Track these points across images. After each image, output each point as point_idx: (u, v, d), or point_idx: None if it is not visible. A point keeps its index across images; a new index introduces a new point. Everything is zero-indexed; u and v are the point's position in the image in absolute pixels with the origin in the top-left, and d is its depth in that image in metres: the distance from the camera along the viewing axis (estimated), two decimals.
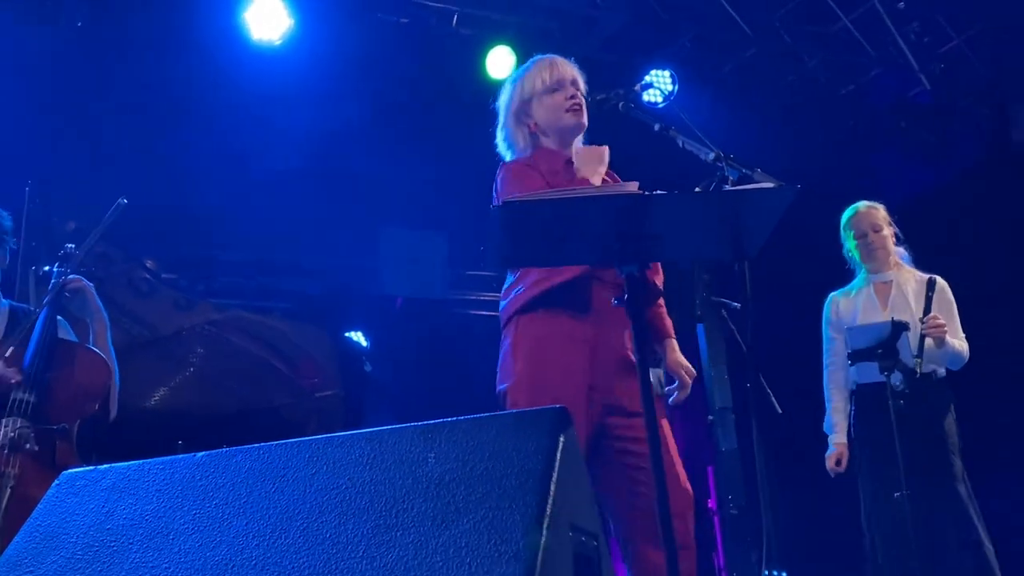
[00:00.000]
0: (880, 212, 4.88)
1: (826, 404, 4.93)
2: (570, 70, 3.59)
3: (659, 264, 3.52)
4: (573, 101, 3.49)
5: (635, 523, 3.28)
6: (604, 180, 3.48)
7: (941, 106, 7.07)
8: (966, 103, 7.06)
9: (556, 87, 3.55)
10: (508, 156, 3.63)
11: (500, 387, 3.42)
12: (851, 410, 4.81)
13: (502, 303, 3.49)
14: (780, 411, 5.09)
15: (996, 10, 6.63)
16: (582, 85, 3.57)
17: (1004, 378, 5.92)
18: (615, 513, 3.30)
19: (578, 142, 3.60)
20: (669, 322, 3.55)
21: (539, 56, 3.67)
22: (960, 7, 6.80)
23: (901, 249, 4.93)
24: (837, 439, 4.83)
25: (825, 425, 4.92)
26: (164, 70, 6.23)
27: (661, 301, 3.55)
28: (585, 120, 3.51)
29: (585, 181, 3.33)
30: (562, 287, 3.33)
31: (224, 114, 6.30)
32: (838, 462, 4.80)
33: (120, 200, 3.72)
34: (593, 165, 3.39)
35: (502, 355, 3.44)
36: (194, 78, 6.27)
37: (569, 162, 3.49)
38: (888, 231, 4.86)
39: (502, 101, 3.66)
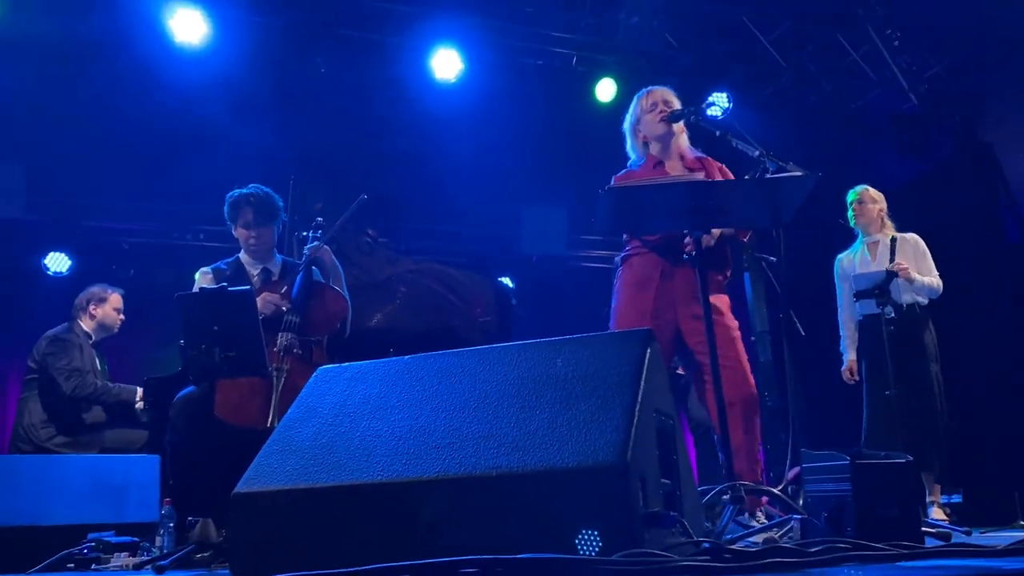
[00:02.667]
0: (868, 192, 4.78)
1: (840, 332, 4.81)
2: (659, 94, 3.55)
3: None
4: (660, 113, 3.44)
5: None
6: (693, 167, 3.43)
7: (925, 116, 6.78)
8: (943, 113, 6.74)
9: (651, 108, 3.51)
10: (632, 158, 3.61)
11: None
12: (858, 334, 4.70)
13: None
14: (803, 334, 4.98)
15: (966, 45, 6.37)
16: (674, 102, 3.50)
17: (966, 315, 5.65)
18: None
19: (684, 144, 3.52)
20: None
21: (642, 89, 3.63)
22: (939, 43, 6.54)
23: (891, 223, 4.78)
24: (849, 356, 4.75)
25: (840, 347, 4.82)
26: (377, 101, 6.34)
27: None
28: (671, 127, 3.43)
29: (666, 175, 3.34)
30: (643, 254, 3.34)
31: (419, 130, 6.36)
32: (851, 373, 4.72)
33: (362, 196, 3.79)
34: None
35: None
36: (397, 106, 6.35)
37: (660, 163, 3.47)
38: (873, 206, 4.74)
39: (625, 123, 3.65)
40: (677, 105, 3.48)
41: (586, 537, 1.45)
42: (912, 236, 4.67)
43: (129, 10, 5.55)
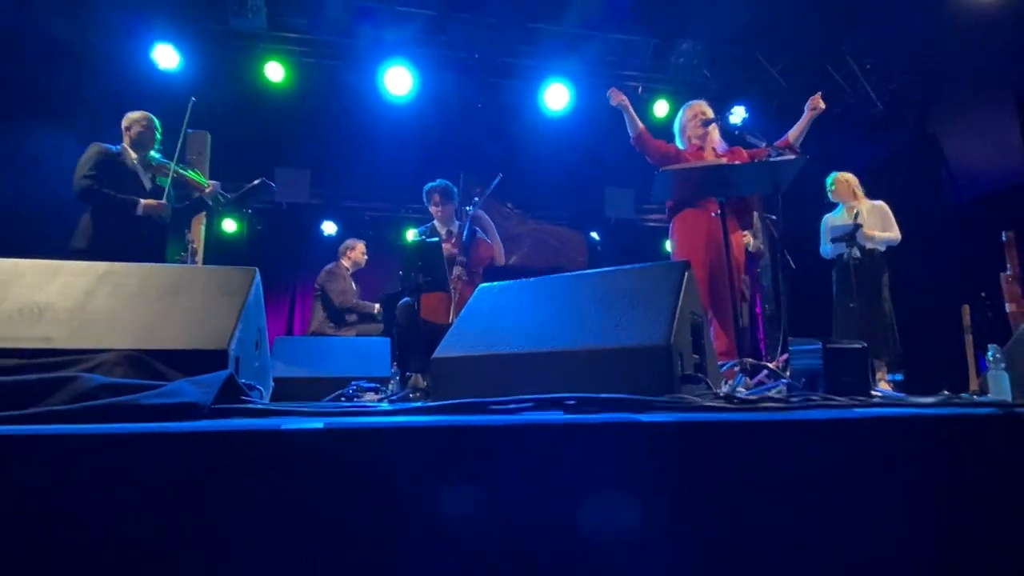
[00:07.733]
0: (841, 176, 4.30)
1: (823, 247, 4.37)
2: (697, 107, 3.33)
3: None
4: (695, 122, 3.26)
5: (718, 313, 3.13)
6: (721, 155, 3.22)
7: (888, 116, 6.13)
8: (900, 114, 6.09)
9: (692, 117, 3.32)
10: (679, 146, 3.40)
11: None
12: (833, 270, 4.31)
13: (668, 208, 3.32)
14: (793, 267, 4.68)
15: (918, 65, 5.72)
16: (707, 111, 3.29)
17: (915, 257, 5.12)
18: (713, 306, 3.15)
19: (716, 138, 3.28)
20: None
21: (687, 103, 3.42)
22: (899, 64, 5.89)
23: (862, 192, 4.33)
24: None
25: (822, 251, 4.35)
26: (513, 121, 6.23)
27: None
28: (706, 128, 3.22)
29: (701, 157, 3.15)
30: (691, 212, 3.18)
31: (540, 137, 6.24)
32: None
33: (498, 174, 3.80)
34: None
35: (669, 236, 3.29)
36: (526, 123, 6.23)
37: (700, 148, 3.28)
38: (845, 186, 4.25)
39: (676, 124, 3.44)
40: (710, 114, 3.29)
41: (644, 387, 1.45)
42: (880, 204, 4.22)
43: (367, 68, 5.69)
